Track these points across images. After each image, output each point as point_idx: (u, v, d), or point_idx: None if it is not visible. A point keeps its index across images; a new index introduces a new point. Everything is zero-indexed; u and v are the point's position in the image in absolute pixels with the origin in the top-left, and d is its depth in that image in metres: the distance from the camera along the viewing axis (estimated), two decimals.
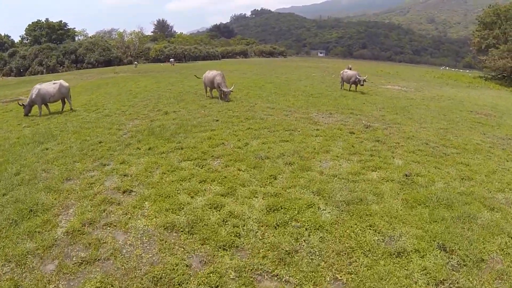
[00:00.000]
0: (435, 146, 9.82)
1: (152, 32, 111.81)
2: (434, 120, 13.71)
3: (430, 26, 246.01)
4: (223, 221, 5.70)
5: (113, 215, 6.04)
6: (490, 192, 6.95)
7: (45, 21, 75.95)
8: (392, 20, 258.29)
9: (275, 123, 11.65)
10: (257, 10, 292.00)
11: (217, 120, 12.15)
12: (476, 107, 18.37)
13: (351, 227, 5.54)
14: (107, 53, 66.93)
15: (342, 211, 6.01)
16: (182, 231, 5.46)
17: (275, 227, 5.50)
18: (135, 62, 57.60)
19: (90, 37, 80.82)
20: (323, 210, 6.07)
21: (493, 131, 12.59)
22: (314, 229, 5.46)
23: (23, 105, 14.50)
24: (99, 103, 16.53)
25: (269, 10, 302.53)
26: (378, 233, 5.40)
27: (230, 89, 16.21)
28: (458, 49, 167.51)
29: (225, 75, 16.49)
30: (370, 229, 5.50)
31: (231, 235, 5.30)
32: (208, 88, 17.32)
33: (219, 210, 6.02)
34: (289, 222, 5.63)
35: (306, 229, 5.46)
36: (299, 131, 10.70)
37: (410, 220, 5.74)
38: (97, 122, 12.47)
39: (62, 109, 14.89)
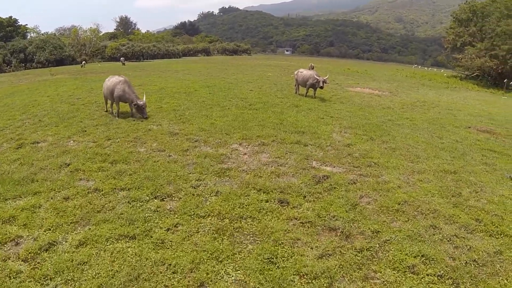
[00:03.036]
0: (450, 235, 4.63)
1: (114, 29, 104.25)
2: (429, 150, 8.70)
3: (398, 25, 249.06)
4: None
5: None
6: None
7: None
8: (361, 18, 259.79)
9: (150, 174, 6.24)
10: (225, 8, 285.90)
11: (68, 165, 6.75)
12: (472, 119, 13.81)
13: None
14: (59, 51, 59.29)
15: None
16: None
17: None
18: (83, 62, 50.83)
19: (42, 34, 72.46)
20: None
21: None
22: None
23: None
24: None
25: (237, 8, 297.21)
26: None
27: (144, 101, 11.04)
28: (426, 47, 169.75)
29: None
30: None
31: None
32: (109, 102, 12.04)
33: None
34: None
35: None
36: (174, 200, 5.30)
37: None
38: None
39: None
